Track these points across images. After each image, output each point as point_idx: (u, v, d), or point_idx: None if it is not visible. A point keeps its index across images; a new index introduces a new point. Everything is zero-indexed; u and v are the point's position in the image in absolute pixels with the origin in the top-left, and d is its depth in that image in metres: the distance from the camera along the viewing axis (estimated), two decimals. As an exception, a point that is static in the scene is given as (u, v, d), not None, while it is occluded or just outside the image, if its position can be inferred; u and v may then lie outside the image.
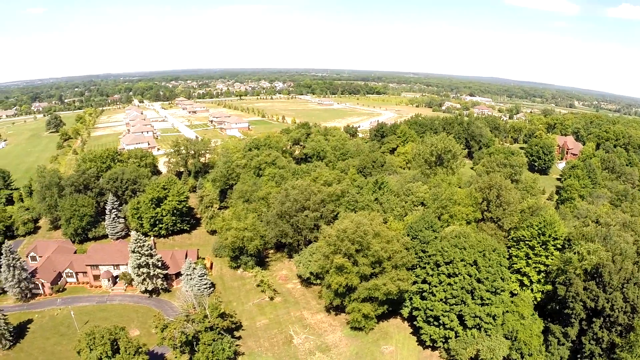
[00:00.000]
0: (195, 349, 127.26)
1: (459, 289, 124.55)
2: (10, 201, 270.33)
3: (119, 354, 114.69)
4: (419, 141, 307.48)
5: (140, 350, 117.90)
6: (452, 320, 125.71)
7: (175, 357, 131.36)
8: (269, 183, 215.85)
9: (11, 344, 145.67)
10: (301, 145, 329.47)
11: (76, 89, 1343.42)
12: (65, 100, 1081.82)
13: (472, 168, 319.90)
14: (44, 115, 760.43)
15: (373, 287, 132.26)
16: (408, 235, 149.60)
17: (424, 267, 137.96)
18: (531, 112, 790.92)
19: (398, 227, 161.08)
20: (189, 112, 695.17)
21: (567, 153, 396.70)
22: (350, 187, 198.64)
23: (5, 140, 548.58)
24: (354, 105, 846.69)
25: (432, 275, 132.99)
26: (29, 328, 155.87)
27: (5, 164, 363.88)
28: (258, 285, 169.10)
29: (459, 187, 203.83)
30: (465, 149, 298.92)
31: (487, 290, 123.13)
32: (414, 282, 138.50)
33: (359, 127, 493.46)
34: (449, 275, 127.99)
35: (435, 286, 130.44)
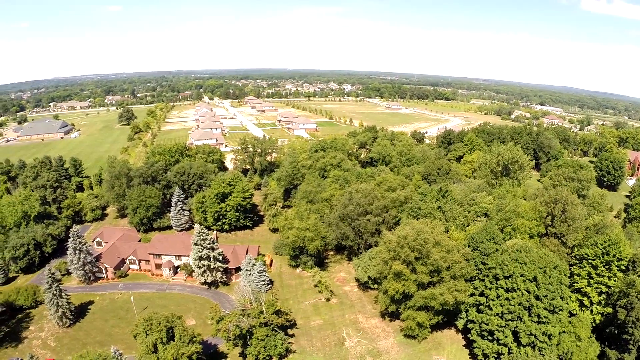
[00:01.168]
0: (248, 342, 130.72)
1: (516, 305, 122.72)
2: (80, 188, 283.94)
3: (174, 341, 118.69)
4: (485, 150, 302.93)
5: (194, 339, 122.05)
6: (506, 336, 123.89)
7: (228, 349, 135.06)
8: (333, 185, 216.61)
9: (71, 322, 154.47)
10: (367, 149, 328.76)
11: (148, 84, 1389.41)
12: (138, 95, 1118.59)
13: (539, 180, 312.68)
14: (117, 108, 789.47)
15: (430, 296, 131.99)
16: (469, 246, 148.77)
17: (483, 280, 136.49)
18: (603, 124, 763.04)
19: (459, 237, 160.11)
20: (258, 111, 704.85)
21: (638, 169, 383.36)
22: (414, 194, 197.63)
23: (78, 130, 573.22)
24: (422, 110, 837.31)
25: (490, 289, 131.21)
26: (89, 309, 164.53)
27: (78, 153, 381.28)
28: (315, 286, 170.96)
29: (524, 199, 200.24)
30: (532, 160, 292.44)
31: (545, 308, 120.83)
32: (472, 294, 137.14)
33: (426, 132, 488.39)
34: (507, 290, 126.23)
35: (493, 300, 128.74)
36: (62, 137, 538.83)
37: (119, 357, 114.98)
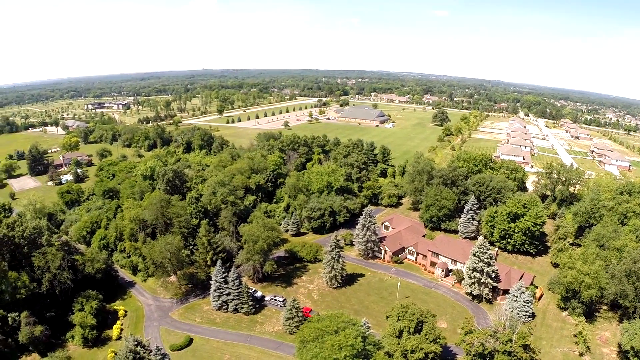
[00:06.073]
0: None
1: None
2: (383, 174, 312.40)
3: (419, 334, 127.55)
4: None
5: (438, 340, 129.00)
6: None
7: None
8: (629, 235, 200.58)
9: (338, 285, 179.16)
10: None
11: (466, 90, 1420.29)
12: (455, 99, 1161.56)
13: None
14: (432, 108, 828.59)
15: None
16: None
17: None
18: None
19: None
20: (572, 136, 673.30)
21: None
22: None
23: (393, 122, 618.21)
24: None
25: None
26: (358, 280, 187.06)
27: (389, 142, 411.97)
28: (575, 335, 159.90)
29: None
30: None
31: None
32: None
33: None
34: None
35: None
36: (377, 125, 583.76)
37: (367, 329, 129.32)
